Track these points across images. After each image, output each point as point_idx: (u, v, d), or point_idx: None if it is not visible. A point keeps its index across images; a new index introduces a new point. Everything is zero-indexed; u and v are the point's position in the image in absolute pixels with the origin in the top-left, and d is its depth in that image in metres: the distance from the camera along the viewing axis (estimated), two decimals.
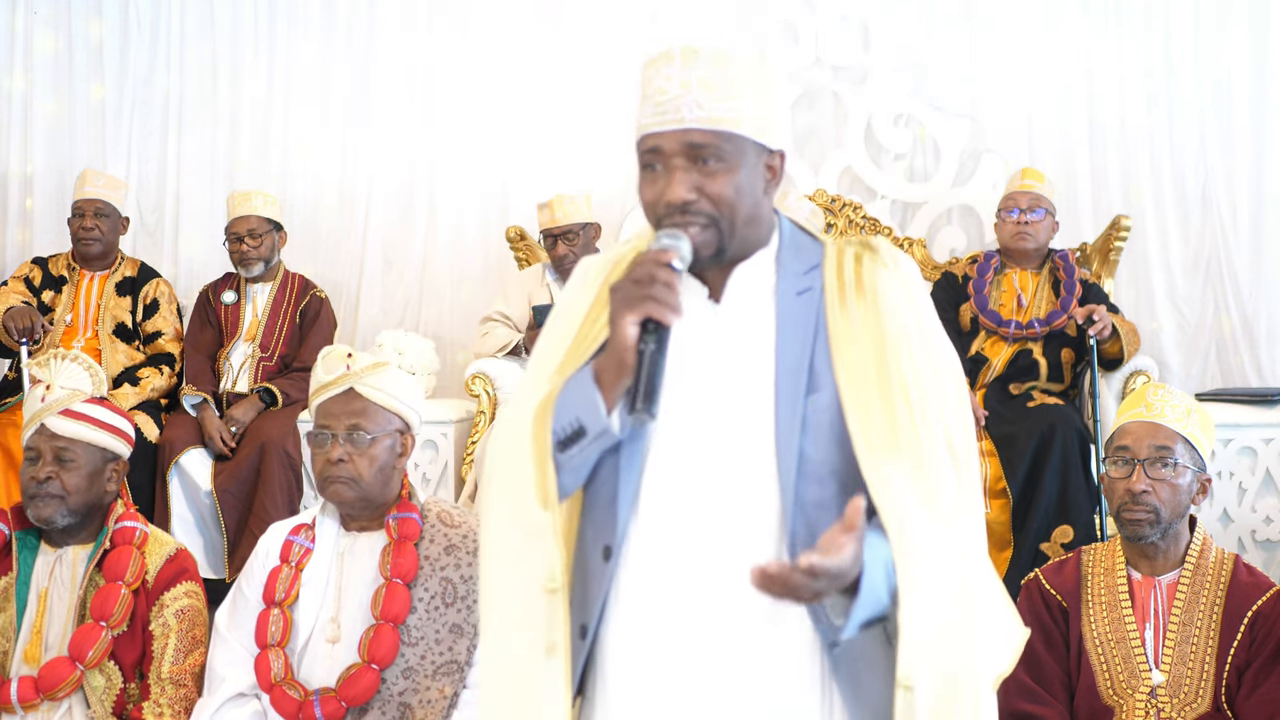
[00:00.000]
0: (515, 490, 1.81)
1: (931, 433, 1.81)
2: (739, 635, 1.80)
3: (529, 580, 1.79)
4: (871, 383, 1.83)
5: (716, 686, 1.80)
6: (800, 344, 1.86)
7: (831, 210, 5.67)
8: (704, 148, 1.83)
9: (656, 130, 1.84)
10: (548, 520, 1.77)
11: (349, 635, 2.80)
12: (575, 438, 1.80)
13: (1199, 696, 2.84)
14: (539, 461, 1.79)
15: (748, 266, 1.91)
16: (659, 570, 1.81)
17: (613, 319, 1.78)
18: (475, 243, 5.91)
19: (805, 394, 1.82)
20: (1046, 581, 3.02)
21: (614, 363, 1.78)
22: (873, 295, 1.88)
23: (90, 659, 2.87)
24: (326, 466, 2.83)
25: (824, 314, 1.87)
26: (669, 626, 1.80)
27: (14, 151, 6.04)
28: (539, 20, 5.88)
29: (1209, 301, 5.66)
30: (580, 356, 1.88)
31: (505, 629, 1.82)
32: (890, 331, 1.86)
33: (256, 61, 5.98)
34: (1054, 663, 2.95)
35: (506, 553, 1.82)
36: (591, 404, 1.79)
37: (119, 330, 5.17)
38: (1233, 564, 2.94)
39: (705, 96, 1.83)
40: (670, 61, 1.85)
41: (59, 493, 2.95)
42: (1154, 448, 2.90)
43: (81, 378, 3.01)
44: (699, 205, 1.83)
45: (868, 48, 5.78)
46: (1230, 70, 5.64)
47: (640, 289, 1.76)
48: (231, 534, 4.86)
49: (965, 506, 1.83)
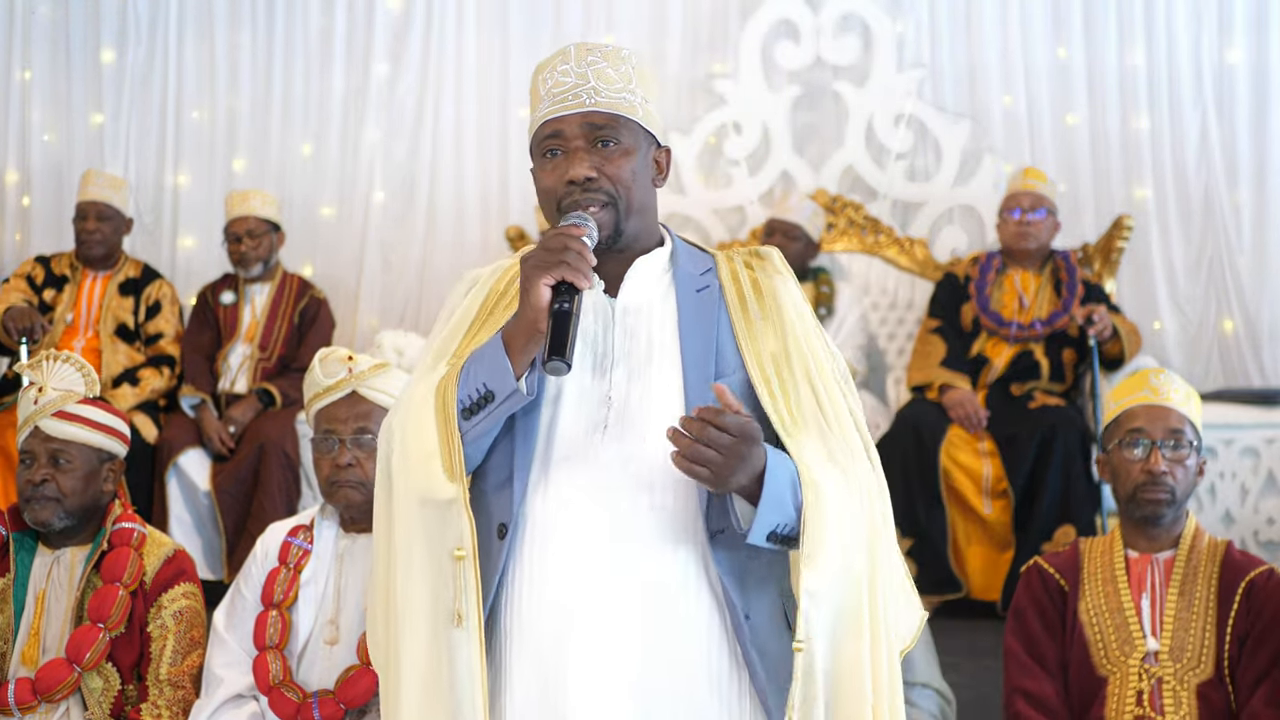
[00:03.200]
0: (419, 464, 1.84)
1: (838, 411, 1.92)
2: (644, 610, 1.83)
3: (437, 551, 1.82)
4: (778, 368, 1.93)
5: (622, 662, 1.81)
6: (704, 334, 1.94)
7: (832, 210, 5.66)
8: (603, 129, 1.93)
9: (558, 115, 1.93)
10: (456, 490, 1.81)
11: (348, 637, 2.79)
12: (482, 403, 1.84)
13: (1201, 662, 2.89)
14: (445, 435, 1.84)
15: (646, 261, 1.99)
16: (560, 547, 1.84)
17: (524, 285, 1.83)
18: (475, 243, 5.90)
19: (714, 378, 1.90)
20: (1046, 563, 3.07)
21: (524, 326, 1.83)
22: (771, 297, 1.99)
23: (88, 661, 2.86)
24: (335, 471, 2.81)
25: (725, 310, 1.97)
26: (571, 602, 1.83)
27: (13, 151, 6.02)
28: (539, 20, 5.88)
29: (1211, 302, 5.66)
30: (477, 342, 1.93)
31: (414, 600, 1.84)
32: (790, 328, 1.97)
33: (255, 61, 5.97)
34: (1050, 641, 3.00)
35: (412, 525, 1.85)
36: (500, 367, 1.83)
37: (120, 331, 5.16)
38: (1225, 545, 3.02)
39: (602, 85, 1.94)
40: (566, 58, 1.96)
41: (55, 495, 2.93)
42: (1168, 430, 2.97)
43: (74, 378, 2.99)
44: (599, 183, 1.92)
45: (868, 48, 5.77)
46: (1231, 70, 5.64)
47: (553, 255, 1.82)
48: (230, 535, 4.85)
49: (873, 481, 1.92)
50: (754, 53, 5.78)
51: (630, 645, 1.82)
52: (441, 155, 5.92)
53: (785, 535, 1.83)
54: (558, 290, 1.81)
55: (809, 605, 1.79)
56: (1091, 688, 2.94)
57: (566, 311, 1.80)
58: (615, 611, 1.82)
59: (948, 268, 5.41)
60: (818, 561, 1.79)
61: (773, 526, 1.81)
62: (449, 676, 1.81)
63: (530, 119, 2.00)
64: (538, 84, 1.98)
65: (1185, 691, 2.88)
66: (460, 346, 1.96)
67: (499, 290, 2.03)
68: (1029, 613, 3.02)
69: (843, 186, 5.77)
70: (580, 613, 1.82)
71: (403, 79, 5.92)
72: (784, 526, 1.82)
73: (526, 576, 1.85)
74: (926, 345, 5.06)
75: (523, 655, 1.85)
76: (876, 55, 5.75)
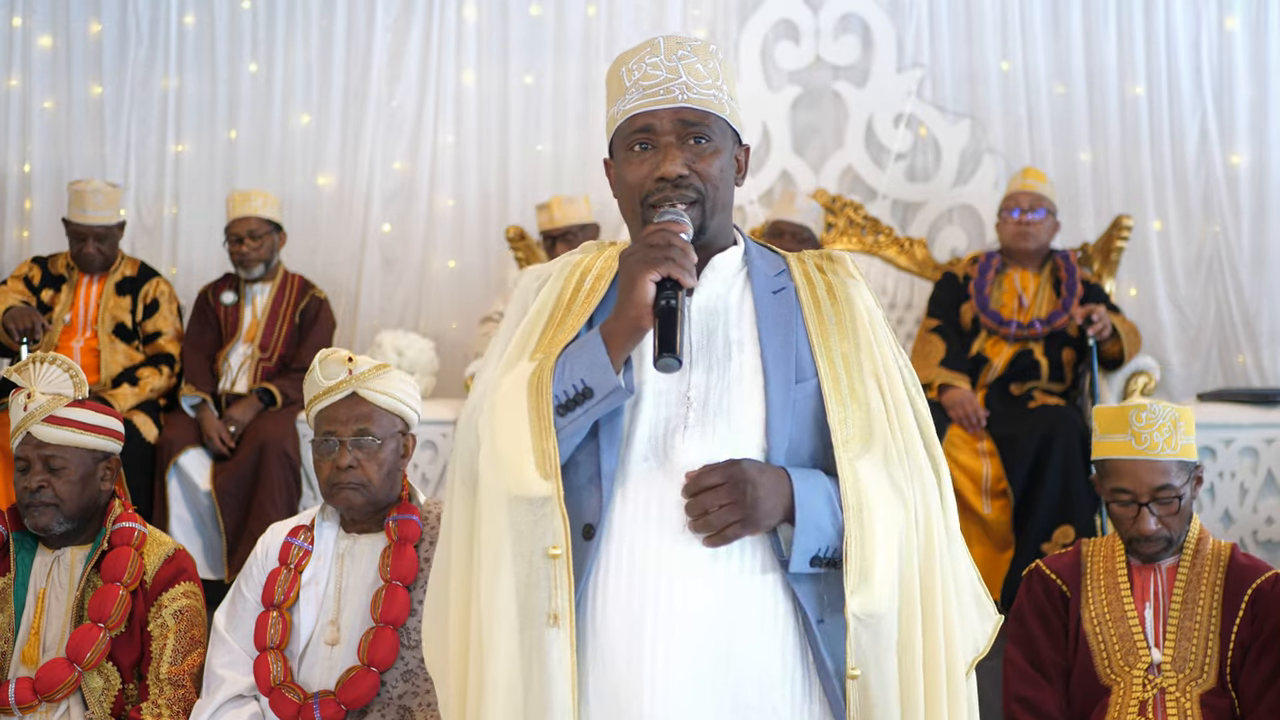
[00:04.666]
0: (511, 461, 1.81)
1: (904, 422, 1.90)
2: (722, 614, 1.82)
3: (527, 549, 1.79)
4: (849, 376, 1.90)
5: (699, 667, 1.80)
6: (784, 335, 1.92)
7: (832, 210, 5.66)
8: (696, 125, 1.90)
9: (649, 109, 1.89)
10: (550, 488, 1.78)
11: (349, 638, 2.79)
12: (579, 400, 1.81)
13: (1204, 672, 2.87)
14: (539, 432, 1.80)
15: (722, 259, 1.97)
16: (643, 548, 1.83)
17: (627, 281, 1.80)
18: (475, 243, 5.91)
19: (794, 380, 1.88)
20: (1048, 569, 3.05)
21: (626, 322, 1.80)
22: (845, 302, 1.98)
23: (88, 660, 2.86)
24: (335, 473, 2.81)
25: (800, 313, 1.95)
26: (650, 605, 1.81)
27: (12, 151, 6.02)
28: (540, 19, 5.88)
29: (1210, 301, 5.67)
30: (563, 335, 1.90)
31: (501, 599, 1.81)
32: (863, 334, 1.95)
33: (255, 61, 5.97)
34: (1051, 648, 2.98)
35: (501, 523, 1.81)
36: (600, 363, 1.80)
37: (118, 330, 5.16)
38: (1230, 549, 2.98)
39: (693, 80, 1.90)
40: (655, 51, 1.91)
41: (53, 500, 2.93)
42: (1155, 489, 2.89)
43: (61, 381, 2.98)
44: (690, 180, 1.89)
45: (868, 48, 5.77)
46: (1231, 69, 5.64)
47: (658, 251, 1.79)
48: (230, 535, 4.85)
49: (934, 495, 1.90)
50: (754, 53, 5.78)
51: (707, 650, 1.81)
52: (442, 155, 5.91)
53: (830, 558, 1.81)
54: (661, 286, 1.79)
55: (857, 629, 1.78)
56: (1094, 695, 2.93)
57: (674, 308, 1.77)
58: (693, 615, 1.81)
59: (947, 267, 5.42)
60: (865, 584, 1.78)
61: (814, 552, 1.80)
62: (541, 677, 1.78)
63: (611, 110, 1.95)
64: (621, 75, 1.93)
65: (1189, 702, 2.86)
66: (542, 340, 1.92)
67: (573, 283, 1.99)
68: (1030, 619, 3.00)
69: (842, 186, 5.78)
70: (659, 615, 1.81)
71: (403, 79, 5.92)
72: (826, 550, 1.81)
73: (610, 578, 1.84)
74: (926, 345, 5.06)
75: (600, 657, 1.83)
76: (876, 55, 5.76)
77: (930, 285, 5.41)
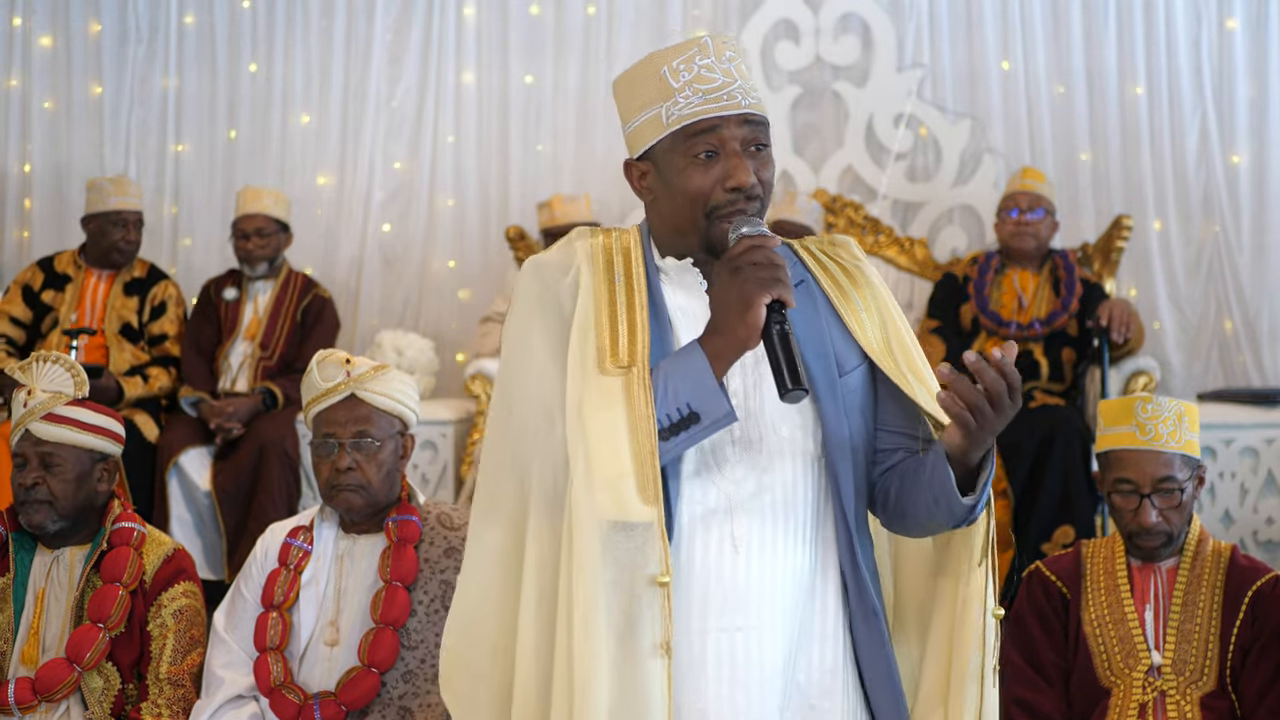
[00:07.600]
0: (608, 484, 1.73)
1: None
2: (786, 620, 1.81)
3: (626, 577, 1.72)
4: (890, 353, 1.89)
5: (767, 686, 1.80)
6: (817, 332, 1.87)
7: (832, 210, 5.66)
8: (758, 131, 1.84)
9: (718, 114, 1.81)
10: (652, 514, 1.71)
11: (348, 638, 2.79)
12: (685, 424, 1.75)
13: (1204, 675, 2.87)
14: (641, 455, 1.73)
15: None
16: (701, 564, 1.81)
17: (740, 301, 1.73)
18: (475, 243, 5.90)
19: (837, 374, 1.85)
20: (1048, 570, 3.05)
21: (736, 344, 1.74)
22: (867, 286, 1.93)
23: (88, 660, 2.86)
24: (335, 475, 2.80)
25: (826, 300, 1.90)
26: (713, 620, 1.80)
27: (12, 151, 6.02)
28: (540, 19, 5.87)
29: (1210, 301, 5.66)
30: (636, 343, 1.82)
31: (597, 626, 1.71)
32: (890, 316, 1.92)
33: (255, 60, 5.97)
34: (1051, 650, 2.98)
35: (594, 548, 1.72)
36: (708, 389, 1.74)
37: (125, 330, 5.13)
38: (1230, 551, 2.98)
39: (747, 84, 1.84)
40: (705, 52, 1.83)
41: (47, 498, 2.93)
42: (1157, 480, 2.89)
43: (63, 379, 2.98)
44: (755, 189, 1.83)
45: (868, 48, 5.77)
46: (1231, 69, 5.64)
47: (766, 271, 1.73)
48: (230, 535, 4.84)
49: None
50: (754, 53, 5.78)
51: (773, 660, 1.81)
52: (442, 155, 5.91)
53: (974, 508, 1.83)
54: (769, 309, 1.73)
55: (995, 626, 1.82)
56: (1094, 698, 2.92)
57: (787, 332, 1.73)
58: (756, 623, 1.81)
59: (947, 267, 5.42)
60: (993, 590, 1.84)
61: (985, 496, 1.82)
62: (643, 706, 1.71)
63: (652, 112, 1.85)
64: (664, 75, 1.83)
65: (1189, 704, 2.86)
66: (614, 349, 1.81)
67: (605, 280, 1.89)
68: (1030, 621, 2.99)
69: (842, 186, 5.77)
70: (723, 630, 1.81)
71: (403, 79, 5.92)
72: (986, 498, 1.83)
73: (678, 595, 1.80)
74: (926, 345, 5.06)
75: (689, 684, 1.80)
76: (876, 55, 5.75)
77: (930, 285, 5.41)
